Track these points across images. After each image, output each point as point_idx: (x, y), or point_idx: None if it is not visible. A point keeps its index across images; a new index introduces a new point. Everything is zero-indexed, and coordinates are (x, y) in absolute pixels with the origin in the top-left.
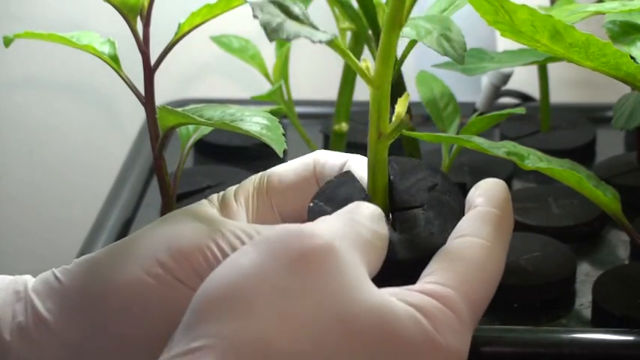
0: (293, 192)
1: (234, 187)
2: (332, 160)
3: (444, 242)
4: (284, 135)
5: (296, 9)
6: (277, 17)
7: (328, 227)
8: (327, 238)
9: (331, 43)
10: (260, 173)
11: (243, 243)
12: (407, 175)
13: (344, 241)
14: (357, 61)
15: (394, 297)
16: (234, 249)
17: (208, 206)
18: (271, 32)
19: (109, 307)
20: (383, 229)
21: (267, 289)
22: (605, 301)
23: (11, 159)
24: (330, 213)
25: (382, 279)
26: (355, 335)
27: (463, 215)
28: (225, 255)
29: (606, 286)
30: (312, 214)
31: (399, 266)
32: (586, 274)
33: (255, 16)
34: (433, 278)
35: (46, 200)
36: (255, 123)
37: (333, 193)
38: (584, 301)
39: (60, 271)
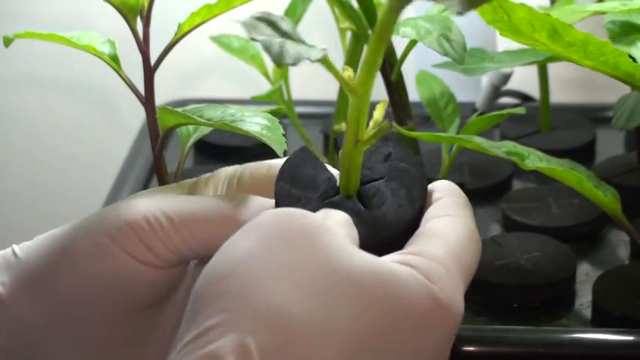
0: (260, 189)
1: (207, 175)
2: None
3: (414, 211)
4: (284, 135)
5: (284, 25)
6: (273, 37)
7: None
8: (319, 218)
9: (323, 61)
10: (236, 166)
11: (191, 210)
12: None
13: (329, 222)
14: (339, 70)
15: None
16: (180, 216)
17: (176, 187)
18: (277, 58)
19: (59, 280)
20: (354, 231)
21: (274, 263)
22: (605, 301)
23: (11, 158)
24: (297, 196)
25: None
26: (365, 298)
27: (425, 182)
28: (172, 223)
29: (606, 286)
30: (280, 198)
31: (376, 245)
32: (586, 274)
33: (252, 39)
34: (418, 244)
35: (45, 200)
36: (255, 123)
37: (296, 173)
38: (584, 301)
39: (20, 247)
